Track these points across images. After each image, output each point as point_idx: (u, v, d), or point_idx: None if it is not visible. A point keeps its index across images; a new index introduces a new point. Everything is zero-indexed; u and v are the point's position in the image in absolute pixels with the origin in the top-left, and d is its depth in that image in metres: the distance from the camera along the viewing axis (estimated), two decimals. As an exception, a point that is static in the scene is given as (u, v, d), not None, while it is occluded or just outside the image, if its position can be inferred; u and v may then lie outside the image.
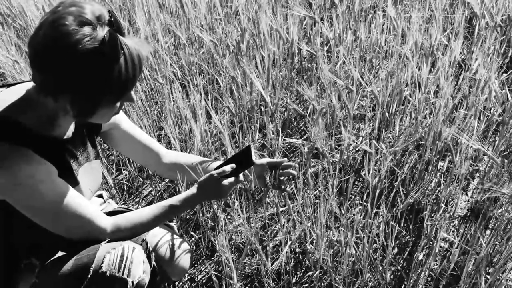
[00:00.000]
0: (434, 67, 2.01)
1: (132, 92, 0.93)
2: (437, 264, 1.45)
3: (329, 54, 2.16)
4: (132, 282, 0.91)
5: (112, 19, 0.84)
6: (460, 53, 2.19)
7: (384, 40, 2.05)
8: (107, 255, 0.90)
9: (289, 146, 1.87)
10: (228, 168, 1.10)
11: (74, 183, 0.99)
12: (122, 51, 0.84)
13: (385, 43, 2.08)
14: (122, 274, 0.90)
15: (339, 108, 1.87)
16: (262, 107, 1.93)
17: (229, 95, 1.94)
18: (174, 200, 1.06)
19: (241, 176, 1.12)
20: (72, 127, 1.01)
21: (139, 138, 1.20)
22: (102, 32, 0.82)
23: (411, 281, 1.39)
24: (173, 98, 1.86)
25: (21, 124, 0.89)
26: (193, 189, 1.08)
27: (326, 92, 1.87)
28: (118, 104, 0.93)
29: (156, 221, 1.04)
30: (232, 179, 1.10)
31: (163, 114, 1.90)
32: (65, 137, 0.98)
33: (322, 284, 1.42)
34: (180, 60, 2.09)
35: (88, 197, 1.05)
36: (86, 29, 0.81)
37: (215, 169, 1.13)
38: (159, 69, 2.02)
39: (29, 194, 0.88)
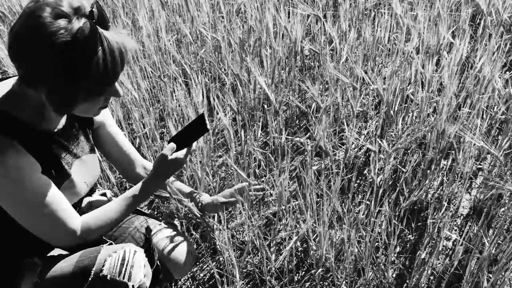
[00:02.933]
0: (438, 65, 2.01)
1: (117, 86, 0.91)
2: (440, 263, 1.45)
3: (331, 52, 2.15)
4: (133, 286, 0.90)
5: (93, 10, 0.82)
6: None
7: (388, 38, 2.04)
8: (108, 258, 0.90)
9: (291, 144, 1.86)
10: (173, 145, 1.11)
11: (65, 176, 0.99)
12: (101, 45, 0.82)
13: (388, 41, 2.07)
14: (123, 278, 0.90)
15: (342, 106, 1.87)
16: (265, 105, 1.93)
17: (231, 93, 1.94)
18: (135, 189, 1.05)
19: (194, 145, 1.13)
20: (63, 121, 1.00)
21: (120, 143, 1.20)
22: (78, 24, 0.80)
23: (414, 279, 1.39)
24: (175, 96, 1.86)
25: (8, 116, 0.88)
26: (150, 174, 1.08)
27: (329, 90, 1.87)
28: (102, 98, 0.92)
29: (123, 214, 1.03)
30: (185, 150, 1.10)
31: (165, 112, 1.90)
32: (55, 130, 0.98)
33: (325, 282, 1.42)
34: (183, 59, 2.09)
35: (83, 190, 1.05)
36: (61, 22, 0.79)
37: (170, 139, 1.14)
38: (161, 66, 2.02)
39: (11, 186, 0.87)
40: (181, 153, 1.09)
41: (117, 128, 1.20)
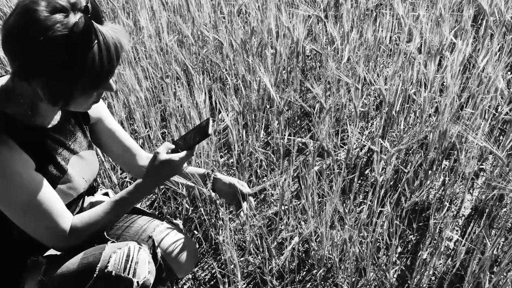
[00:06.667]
0: (440, 65, 2.00)
1: (112, 81, 0.90)
2: (441, 264, 1.45)
3: (333, 52, 2.15)
4: (138, 282, 0.91)
5: (88, 5, 0.82)
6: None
7: (389, 38, 2.04)
8: (113, 255, 0.91)
9: (293, 144, 1.86)
10: (168, 144, 1.06)
11: (61, 171, 0.98)
12: (96, 39, 0.82)
13: (389, 41, 2.07)
14: (128, 274, 0.90)
15: (344, 106, 1.87)
16: (267, 106, 1.93)
17: (233, 93, 1.94)
18: (125, 192, 1.02)
19: (194, 150, 1.08)
20: (58, 116, 1.00)
21: (120, 137, 1.19)
22: (74, 19, 0.80)
23: (415, 280, 1.39)
24: (177, 96, 1.86)
25: (1, 112, 0.88)
26: (143, 176, 1.04)
27: (331, 90, 1.86)
28: (95, 93, 0.91)
29: (110, 217, 1.01)
30: (183, 153, 1.05)
31: (167, 112, 1.90)
32: (50, 126, 0.97)
33: (326, 283, 1.42)
34: (185, 60, 2.09)
35: (82, 186, 1.04)
36: (58, 16, 0.79)
37: (174, 141, 1.10)
38: (163, 67, 2.02)
39: (2, 183, 0.86)
40: (177, 155, 1.04)
41: (116, 123, 1.19)
